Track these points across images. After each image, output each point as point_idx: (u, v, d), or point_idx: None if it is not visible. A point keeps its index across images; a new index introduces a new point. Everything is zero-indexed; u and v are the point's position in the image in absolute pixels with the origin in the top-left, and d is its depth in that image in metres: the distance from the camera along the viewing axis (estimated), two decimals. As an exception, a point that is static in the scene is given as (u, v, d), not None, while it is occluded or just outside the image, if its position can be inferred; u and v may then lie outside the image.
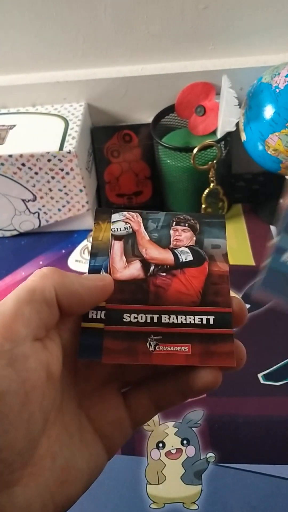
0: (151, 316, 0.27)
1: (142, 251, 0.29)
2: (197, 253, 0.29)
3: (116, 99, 0.68)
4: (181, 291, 0.28)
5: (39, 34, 0.64)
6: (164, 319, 0.27)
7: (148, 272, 0.29)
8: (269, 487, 0.42)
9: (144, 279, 0.28)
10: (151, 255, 0.29)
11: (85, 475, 0.24)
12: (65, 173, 0.62)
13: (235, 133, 0.60)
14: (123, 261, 0.29)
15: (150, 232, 0.30)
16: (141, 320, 0.27)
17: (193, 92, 0.64)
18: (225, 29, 0.63)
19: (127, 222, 0.31)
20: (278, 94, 0.52)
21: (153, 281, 0.28)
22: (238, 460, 0.44)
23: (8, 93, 0.68)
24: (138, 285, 0.28)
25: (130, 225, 0.31)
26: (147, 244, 0.30)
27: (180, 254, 0.29)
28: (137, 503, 0.43)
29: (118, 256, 0.29)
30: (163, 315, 0.27)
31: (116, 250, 0.29)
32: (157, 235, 0.30)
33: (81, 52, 0.66)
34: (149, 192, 0.71)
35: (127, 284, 0.28)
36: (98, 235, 0.30)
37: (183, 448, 0.46)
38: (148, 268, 0.29)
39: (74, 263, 0.66)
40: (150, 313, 0.27)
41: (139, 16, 0.62)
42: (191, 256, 0.29)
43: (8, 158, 0.60)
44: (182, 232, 0.30)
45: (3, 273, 0.65)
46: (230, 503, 0.42)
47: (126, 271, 0.29)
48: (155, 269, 0.29)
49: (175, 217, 0.31)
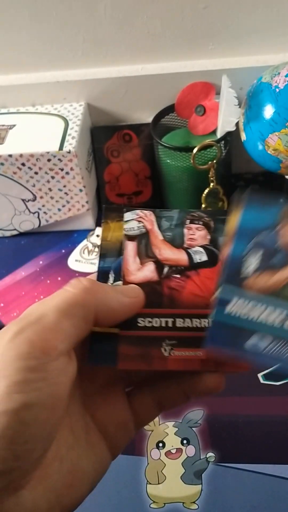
0: (166, 320, 0.26)
1: (156, 252, 0.29)
2: (212, 253, 0.29)
3: (116, 99, 0.68)
4: (195, 293, 0.27)
5: (39, 34, 0.64)
6: (178, 323, 0.26)
7: (162, 274, 0.28)
8: (269, 487, 0.42)
9: (158, 282, 0.28)
10: (165, 256, 0.28)
11: (91, 477, 0.24)
12: (65, 172, 0.62)
13: (235, 133, 0.60)
14: (136, 262, 0.28)
15: (163, 231, 0.29)
16: (156, 324, 0.26)
17: (193, 91, 0.64)
18: (225, 29, 0.63)
19: (140, 221, 0.30)
20: (278, 93, 0.52)
21: (167, 284, 0.28)
22: (238, 460, 0.44)
23: (8, 93, 0.68)
24: (152, 288, 0.27)
25: (143, 224, 0.29)
26: (161, 244, 0.29)
27: (194, 254, 0.29)
28: (137, 503, 0.43)
29: (132, 258, 0.28)
30: (177, 319, 0.26)
31: (129, 251, 0.28)
32: (170, 234, 0.29)
33: (81, 52, 0.66)
34: (149, 192, 0.71)
35: (141, 286, 0.27)
36: (106, 235, 0.29)
37: (183, 447, 0.46)
38: (162, 270, 0.28)
39: (74, 262, 0.65)
40: (164, 317, 0.26)
41: (139, 16, 0.62)
42: (206, 256, 0.29)
43: (8, 157, 0.60)
44: (196, 230, 0.29)
45: (3, 273, 0.65)
46: (230, 503, 0.42)
47: (140, 273, 0.28)
48: (169, 271, 0.28)
49: (189, 215, 0.30)
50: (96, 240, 0.68)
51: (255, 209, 0.27)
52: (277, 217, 0.27)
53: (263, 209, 0.27)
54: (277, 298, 0.25)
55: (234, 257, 0.26)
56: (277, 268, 0.26)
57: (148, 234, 0.29)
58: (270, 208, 0.27)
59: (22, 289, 0.63)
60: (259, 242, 0.26)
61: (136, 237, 0.29)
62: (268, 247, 0.26)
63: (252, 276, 0.25)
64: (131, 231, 0.29)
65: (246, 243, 0.26)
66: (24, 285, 0.63)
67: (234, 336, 0.24)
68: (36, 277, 0.64)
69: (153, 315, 0.26)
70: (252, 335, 0.24)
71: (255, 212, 0.27)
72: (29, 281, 0.64)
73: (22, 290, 0.63)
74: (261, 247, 0.26)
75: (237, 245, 0.26)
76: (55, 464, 0.22)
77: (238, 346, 0.24)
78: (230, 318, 0.25)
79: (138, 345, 0.26)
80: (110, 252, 0.28)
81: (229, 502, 0.42)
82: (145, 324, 0.26)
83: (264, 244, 0.26)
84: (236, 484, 0.43)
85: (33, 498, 0.21)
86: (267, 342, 0.24)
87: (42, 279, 0.64)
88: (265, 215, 0.27)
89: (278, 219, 0.27)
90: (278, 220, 0.27)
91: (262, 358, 0.24)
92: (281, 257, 0.26)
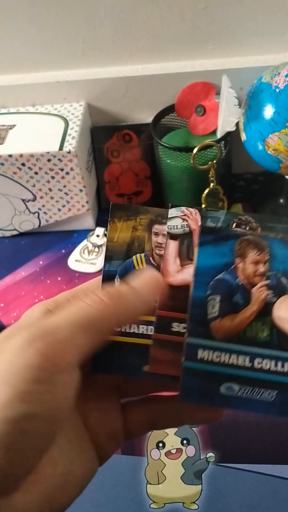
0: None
1: None
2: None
3: (116, 99, 0.68)
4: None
5: (39, 34, 0.64)
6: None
7: None
8: (269, 487, 0.42)
9: None
10: None
11: (81, 481, 0.24)
12: (65, 173, 0.62)
13: (235, 133, 0.60)
14: (177, 264, 0.27)
15: None
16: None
17: (193, 92, 0.64)
18: (225, 29, 0.63)
19: (185, 220, 0.28)
20: (278, 94, 0.52)
21: None
22: (238, 460, 0.44)
23: (8, 93, 0.68)
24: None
25: (188, 223, 0.28)
26: None
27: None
28: (137, 503, 0.43)
29: (172, 258, 0.27)
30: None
31: (170, 251, 0.27)
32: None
33: (81, 52, 0.66)
34: (149, 192, 0.71)
35: (179, 290, 0.26)
36: (113, 235, 0.27)
37: (183, 448, 0.46)
38: None
39: (74, 263, 0.65)
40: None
41: (139, 16, 0.62)
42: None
43: (8, 158, 0.60)
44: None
45: (3, 273, 0.65)
46: (230, 503, 0.42)
47: (179, 276, 0.27)
48: None
49: (236, 218, 0.28)
50: (96, 240, 0.68)
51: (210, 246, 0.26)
52: (232, 253, 0.26)
53: (218, 245, 0.27)
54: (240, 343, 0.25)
55: (197, 300, 0.25)
56: (240, 307, 0.26)
57: (192, 235, 0.28)
58: (225, 244, 0.27)
59: (22, 289, 0.63)
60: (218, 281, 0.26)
61: (179, 236, 0.28)
62: (228, 286, 0.26)
63: (217, 320, 0.25)
64: (174, 229, 0.28)
65: (206, 284, 0.26)
66: (24, 285, 0.63)
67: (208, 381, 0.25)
68: (36, 277, 0.64)
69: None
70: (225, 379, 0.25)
71: (211, 249, 0.26)
72: (29, 281, 0.64)
73: (22, 290, 0.63)
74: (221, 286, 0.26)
75: (198, 287, 0.26)
76: (48, 468, 0.22)
77: (213, 391, 0.24)
78: (201, 364, 0.25)
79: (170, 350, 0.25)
80: (117, 254, 0.27)
81: (229, 502, 0.42)
82: (180, 330, 0.26)
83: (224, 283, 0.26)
84: (236, 484, 0.43)
85: (25, 501, 0.21)
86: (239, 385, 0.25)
87: (42, 279, 0.64)
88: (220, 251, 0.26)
89: (234, 255, 0.26)
90: (234, 255, 0.26)
91: (237, 402, 0.25)
92: (242, 295, 0.26)
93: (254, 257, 0.26)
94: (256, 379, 0.25)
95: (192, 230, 0.28)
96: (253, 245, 0.27)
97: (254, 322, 0.26)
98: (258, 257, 0.27)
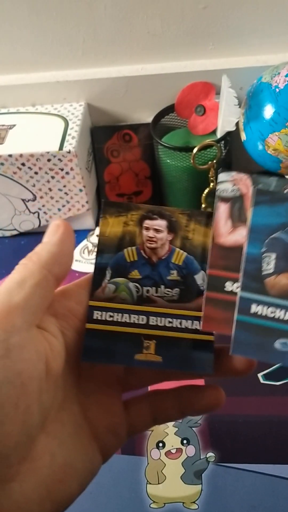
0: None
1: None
2: None
3: (116, 99, 0.68)
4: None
5: (39, 34, 0.64)
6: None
7: None
8: (269, 487, 0.42)
9: None
10: None
11: (82, 476, 0.24)
12: (65, 172, 0.62)
13: (235, 132, 0.60)
14: (228, 225, 0.27)
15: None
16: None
17: (193, 91, 0.64)
18: (225, 28, 0.63)
19: (235, 184, 0.28)
20: (278, 93, 0.52)
21: None
22: (238, 460, 0.44)
23: (8, 92, 0.68)
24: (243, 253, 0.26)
25: (239, 187, 0.28)
26: None
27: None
28: (137, 503, 0.43)
29: (224, 220, 0.27)
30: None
31: (221, 213, 0.27)
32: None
33: (81, 52, 0.66)
34: (149, 192, 0.71)
35: (232, 250, 0.26)
36: (105, 230, 0.28)
37: (183, 447, 0.46)
38: None
39: (74, 262, 0.65)
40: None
41: (139, 16, 0.62)
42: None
43: (8, 157, 0.60)
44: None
45: (3, 273, 0.65)
46: (230, 503, 0.42)
47: (231, 237, 0.27)
48: None
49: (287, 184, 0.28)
50: (96, 240, 0.67)
51: (265, 206, 0.27)
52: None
53: (274, 206, 0.27)
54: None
55: (251, 257, 0.25)
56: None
57: (243, 198, 0.28)
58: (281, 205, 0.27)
59: (22, 289, 0.63)
60: (274, 239, 0.26)
61: (230, 199, 0.28)
62: (284, 245, 0.26)
63: (272, 276, 0.25)
64: (224, 192, 0.28)
65: (261, 241, 0.26)
66: (24, 285, 0.63)
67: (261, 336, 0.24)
68: (36, 277, 0.64)
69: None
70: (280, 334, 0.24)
71: (266, 209, 0.26)
72: (29, 281, 0.64)
73: (22, 290, 0.63)
74: (277, 245, 0.26)
75: (252, 244, 0.26)
76: (45, 457, 0.22)
77: (267, 346, 0.24)
78: (255, 319, 0.25)
79: (224, 309, 0.25)
80: (108, 247, 0.28)
81: (229, 502, 0.42)
82: (233, 289, 0.26)
83: (280, 241, 0.26)
84: (236, 484, 0.43)
85: (23, 490, 0.21)
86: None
87: (42, 279, 0.64)
88: (276, 211, 0.26)
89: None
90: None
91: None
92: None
93: None
94: None
95: (243, 194, 0.28)
96: None
97: None
98: None
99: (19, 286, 0.23)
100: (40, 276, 0.23)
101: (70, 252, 0.26)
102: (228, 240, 0.27)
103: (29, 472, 0.21)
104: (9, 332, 0.21)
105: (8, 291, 0.22)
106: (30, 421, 0.21)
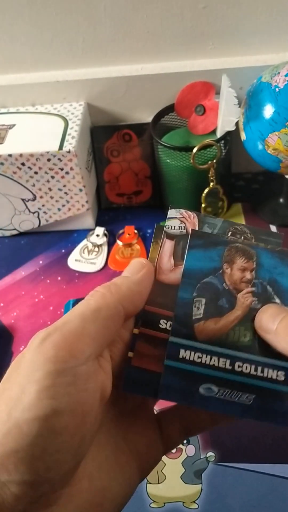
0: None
1: None
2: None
3: (116, 98, 0.68)
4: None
5: (39, 34, 0.64)
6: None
7: None
8: (269, 486, 0.42)
9: None
10: None
11: (120, 498, 0.24)
12: (65, 172, 0.62)
13: (235, 132, 0.60)
14: (170, 263, 0.28)
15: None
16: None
17: (193, 91, 0.64)
18: (225, 28, 0.63)
19: (183, 222, 0.29)
20: (278, 93, 0.52)
21: None
22: (238, 459, 0.44)
23: (8, 92, 0.68)
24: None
25: (185, 225, 0.29)
26: None
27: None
28: (137, 503, 0.43)
29: (167, 257, 0.28)
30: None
31: (166, 249, 0.28)
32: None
33: (81, 52, 0.66)
34: (149, 191, 0.71)
35: (170, 288, 0.27)
36: (154, 256, 0.28)
37: (183, 447, 0.46)
38: None
39: (74, 262, 0.65)
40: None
41: (139, 16, 0.62)
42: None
43: (8, 157, 0.60)
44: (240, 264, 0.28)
45: (3, 273, 0.65)
46: (230, 502, 0.42)
47: (171, 275, 0.27)
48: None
49: (232, 227, 0.29)
50: (96, 239, 0.68)
51: (199, 250, 0.27)
52: (221, 258, 0.27)
53: (207, 250, 0.27)
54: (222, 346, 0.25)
55: (182, 301, 0.26)
56: (224, 311, 0.26)
57: (187, 237, 0.28)
58: (214, 249, 0.27)
59: (22, 288, 0.63)
60: (205, 284, 0.27)
61: (176, 237, 0.28)
62: (214, 290, 0.27)
63: (201, 322, 0.26)
64: (171, 229, 0.29)
65: (193, 286, 0.27)
66: (24, 285, 0.63)
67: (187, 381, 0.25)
68: (36, 277, 0.64)
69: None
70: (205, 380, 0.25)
71: (199, 253, 0.27)
72: (29, 281, 0.64)
73: (22, 290, 0.63)
74: (207, 289, 0.27)
75: (185, 288, 0.26)
76: (84, 482, 0.22)
77: (192, 391, 0.25)
78: (182, 364, 0.25)
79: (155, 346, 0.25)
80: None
81: (229, 501, 0.42)
82: (166, 327, 0.26)
83: (210, 286, 0.27)
84: (236, 484, 0.43)
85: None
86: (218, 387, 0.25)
87: (42, 279, 0.64)
88: (209, 255, 0.27)
89: (223, 260, 0.27)
90: (222, 261, 0.27)
91: (215, 403, 0.25)
92: (227, 299, 0.27)
93: (241, 264, 0.27)
94: (235, 382, 0.25)
95: (188, 233, 0.29)
96: (241, 252, 0.28)
97: (237, 326, 0.26)
98: (246, 264, 0.28)
99: (93, 315, 0.23)
100: (115, 310, 0.23)
101: (146, 294, 0.26)
102: (168, 278, 0.27)
103: (69, 497, 0.21)
104: (78, 359, 0.21)
105: (82, 317, 0.22)
106: (83, 449, 0.21)
